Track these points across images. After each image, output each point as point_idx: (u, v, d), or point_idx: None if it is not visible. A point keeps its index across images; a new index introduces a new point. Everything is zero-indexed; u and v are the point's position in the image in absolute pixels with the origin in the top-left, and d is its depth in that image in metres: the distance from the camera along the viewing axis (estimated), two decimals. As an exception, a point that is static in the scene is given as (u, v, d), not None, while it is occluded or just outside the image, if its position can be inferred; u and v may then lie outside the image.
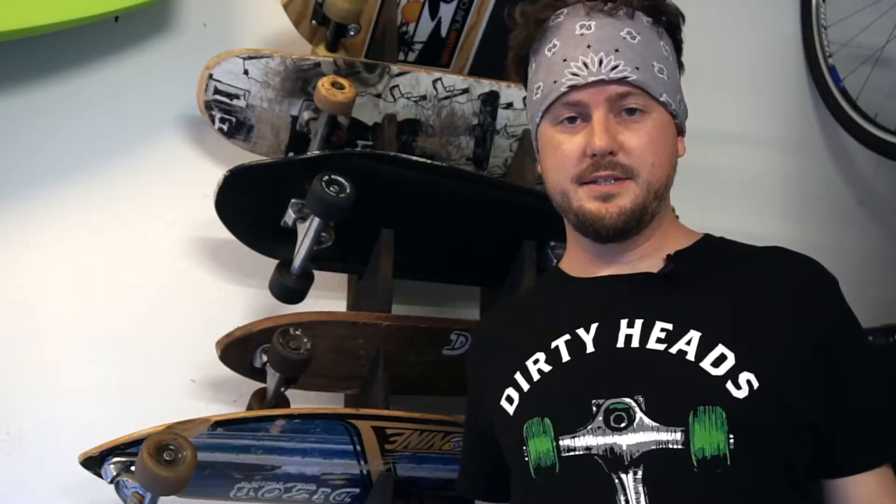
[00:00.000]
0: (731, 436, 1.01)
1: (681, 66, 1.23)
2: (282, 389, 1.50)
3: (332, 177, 1.42)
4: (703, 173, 2.05)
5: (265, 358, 1.48)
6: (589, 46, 1.13)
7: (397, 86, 1.66)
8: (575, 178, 1.14)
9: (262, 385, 1.52)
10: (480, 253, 1.70)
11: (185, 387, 1.63)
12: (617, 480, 1.04)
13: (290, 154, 1.67)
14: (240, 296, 1.69)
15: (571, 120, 1.15)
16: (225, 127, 1.62)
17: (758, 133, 2.12)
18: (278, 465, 1.47)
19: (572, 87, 1.13)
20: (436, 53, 1.82)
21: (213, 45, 1.63)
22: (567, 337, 1.13)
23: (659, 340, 1.07)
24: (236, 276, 1.70)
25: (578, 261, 1.22)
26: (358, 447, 1.49)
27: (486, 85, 1.71)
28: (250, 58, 1.58)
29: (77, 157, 1.66)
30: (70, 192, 1.64)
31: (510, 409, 1.14)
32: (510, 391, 1.15)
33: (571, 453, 1.07)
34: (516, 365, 1.15)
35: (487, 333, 1.31)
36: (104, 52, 1.69)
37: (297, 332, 1.45)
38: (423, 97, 1.68)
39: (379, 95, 1.66)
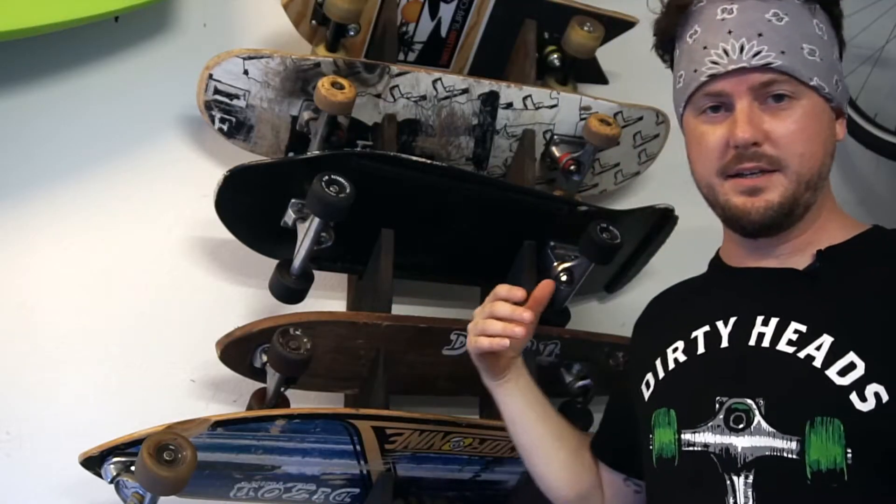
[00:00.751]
0: (849, 450, 0.97)
1: (841, 43, 1.15)
2: (282, 389, 1.50)
3: (332, 177, 1.41)
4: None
5: (265, 358, 1.48)
6: (730, 32, 1.09)
7: (397, 86, 1.66)
8: (720, 172, 1.11)
9: (262, 385, 1.52)
10: (480, 253, 1.70)
11: (185, 387, 1.63)
12: (729, 482, 1.03)
13: (290, 154, 1.67)
14: (240, 296, 1.69)
15: (714, 109, 1.12)
16: (225, 127, 1.62)
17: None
18: (278, 465, 1.47)
19: (712, 76, 1.10)
20: (436, 53, 1.82)
21: (213, 45, 1.63)
22: (706, 328, 1.11)
23: (790, 342, 1.03)
24: (236, 276, 1.70)
25: (731, 250, 1.20)
26: (358, 447, 1.49)
27: (485, 85, 1.71)
28: (250, 58, 1.58)
29: (77, 157, 1.65)
30: (70, 192, 1.64)
31: (646, 395, 1.16)
32: (649, 377, 1.16)
33: (690, 448, 1.06)
34: (658, 351, 1.16)
35: (651, 308, 1.30)
36: (104, 52, 1.69)
37: (297, 332, 1.45)
38: (423, 97, 1.68)
39: (379, 95, 1.66)
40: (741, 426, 1.03)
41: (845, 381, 0.99)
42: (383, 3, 1.71)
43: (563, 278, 1.64)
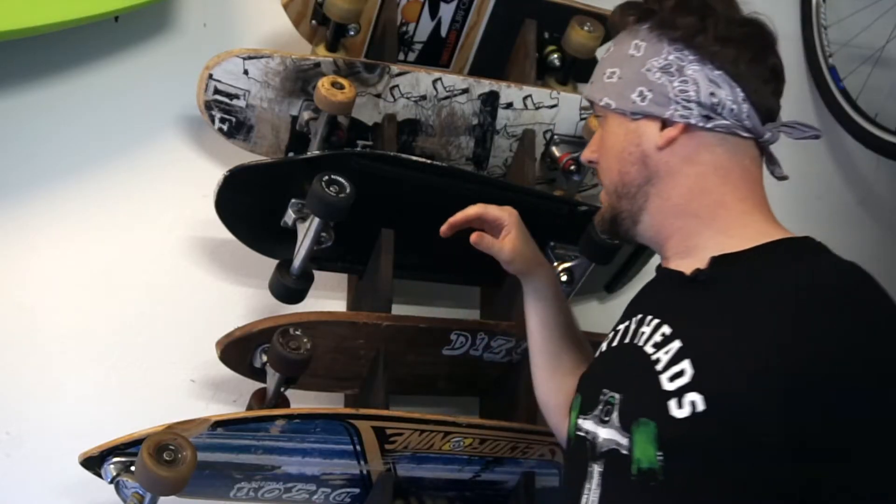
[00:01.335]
0: (660, 453, 1.02)
1: (686, 47, 1.14)
2: (282, 389, 1.50)
3: (332, 177, 1.41)
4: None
5: (265, 358, 1.48)
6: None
7: (397, 86, 1.66)
8: None
9: (262, 385, 1.52)
10: (481, 253, 1.69)
11: (185, 387, 1.63)
12: (590, 469, 1.10)
13: (290, 154, 1.67)
14: (240, 296, 1.69)
15: None
16: (225, 127, 1.62)
17: (758, 133, 2.12)
18: (278, 465, 1.47)
19: None
20: (436, 53, 1.82)
21: (213, 45, 1.63)
22: (626, 323, 1.17)
23: (654, 344, 1.08)
24: (236, 276, 1.70)
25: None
26: (358, 447, 1.49)
27: (486, 85, 1.72)
28: (250, 58, 1.58)
29: (77, 157, 1.65)
30: (70, 192, 1.64)
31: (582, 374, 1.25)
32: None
33: (579, 433, 1.14)
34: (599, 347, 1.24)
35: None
36: (104, 52, 1.69)
37: (297, 332, 1.45)
38: (423, 97, 1.68)
39: (379, 95, 1.66)
40: (607, 419, 1.10)
41: (671, 386, 1.03)
42: (383, 3, 1.71)
43: (564, 278, 1.64)
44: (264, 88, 1.60)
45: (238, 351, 1.50)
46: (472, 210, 1.37)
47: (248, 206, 1.53)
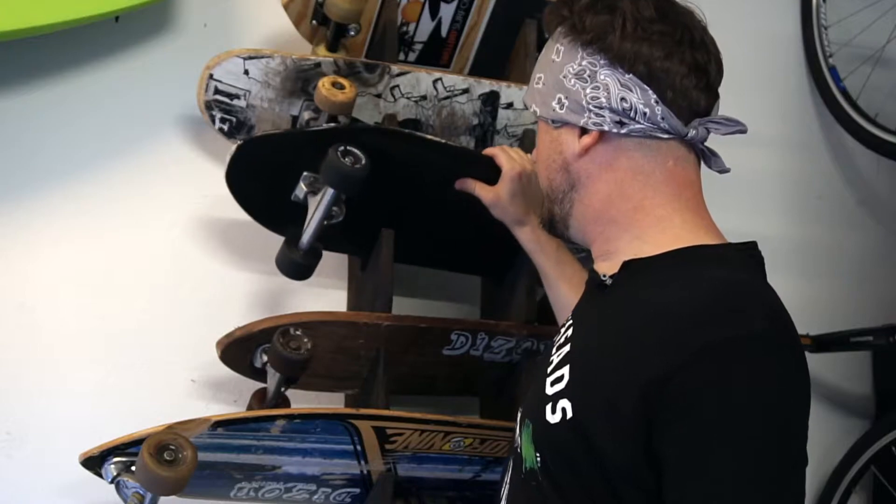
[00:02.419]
0: (538, 454, 1.05)
1: (601, 50, 1.11)
2: (282, 389, 1.50)
3: (348, 147, 1.38)
4: (703, 174, 2.05)
5: (265, 358, 1.48)
6: None
7: (397, 86, 1.66)
8: None
9: (263, 385, 1.52)
10: (488, 238, 1.62)
11: (185, 387, 1.63)
12: (508, 462, 1.17)
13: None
14: (240, 296, 1.69)
15: None
16: (225, 127, 1.62)
17: (758, 133, 2.09)
18: (278, 465, 1.47)
19: None
20: (436, 53, 1.82)
21: (214, 45, 1.63)
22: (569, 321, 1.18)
23: (558, 346, 1.11)
24: (236, 276, 1.70)
25: None
26: (358, 447, 1.49)
27: (486, 85, 1.72)
28: (251, 58, 1.58)
29: (77, 157, 1.66)
30: (70, 192, 1.64)
31: None
32: None
33: (517, 428, 1.17)
34: None
35: None
36: (104, 52, 1.69)
37: (298, 332, 1.45)
38: (424, 97, 1.68)
39: (379, 95, 1.66)
40: (519, 414, 1.15)
41: (550, 391, 1.05)
42: (384, 3, 1.71)
43: None
44: (265, 88, 1.60)
45: (238, 351, 1.50)
46: (490, 150, 1.46)
47: (260, 180, 1.49)
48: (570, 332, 1.12)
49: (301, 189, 1.45)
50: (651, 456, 0.95)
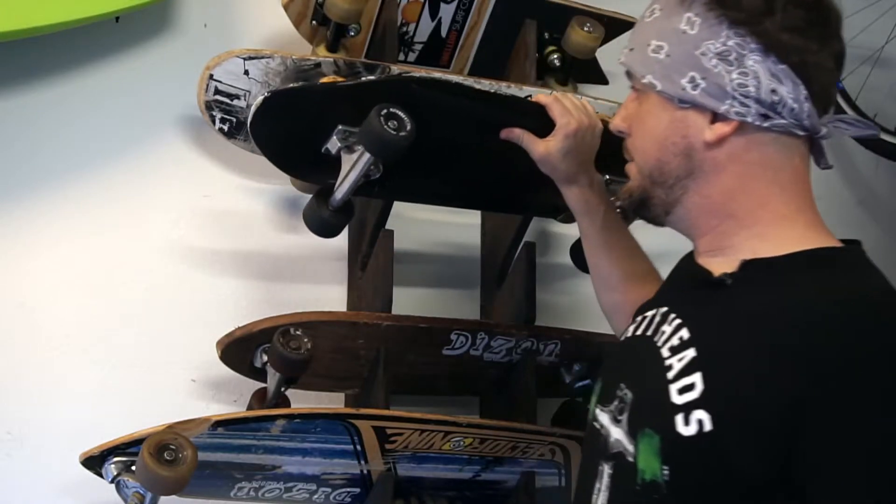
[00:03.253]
0: (665, 468, 0.96)
1: (751, 34, 1.02)
2: (282, 389, 1.50)
3: (392, 110, 1.26)
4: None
5: (265, 358, 1.48)
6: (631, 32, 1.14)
7: (397, 86, 1.66)
8: None
9: (263, 385, 1.52)
10: (524, 188, 1.54)
11: (186, 387, 1.63)
12: (601, 468, 1.05)
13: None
14: (240, 296, 1.69)
15: None
16: (225, 127, 1.62)
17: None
18: (279, 464, 1.47)
19: None
20: (436, 54, 1.82)
21: (214, 46, 1.63)
22: (650, 313, 1.10)
23: (671, 347, 1.02)
24: (237, 276, 1.70)
25: None
26: (358, 447, 1.49)
27: (486, 85, 1.71)
28: (251, 58, 1.58)
29: (77, 157, 1.66)
30: (70, 192, 1.64)
31: (606, 355, 1.20)
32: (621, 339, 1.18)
33: (595, 424, 1.08)
34: (635, 318, 1.16)
35: (674, 267, 1.26)
36: (104, 52, 1.69)
37: (298, 332, 1.45)
38: (424, 97, 1.68)
39: (379, 95, 1.66)
40: (619, 418, 1.04)
41: (680, 400, 0.96)
42: (384, 3, 1.71)
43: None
44: (265, 89, 1.60)
45: (239, 351, 1.50)
46: (543, 98, 1.35)
47: (286, 129, 1.36)
48: (684, 332, 1.01)
49: (334, 143, 1.33)
50: (793, 472, 0.91)
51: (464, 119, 1.39)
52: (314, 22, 1.66)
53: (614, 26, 1.82)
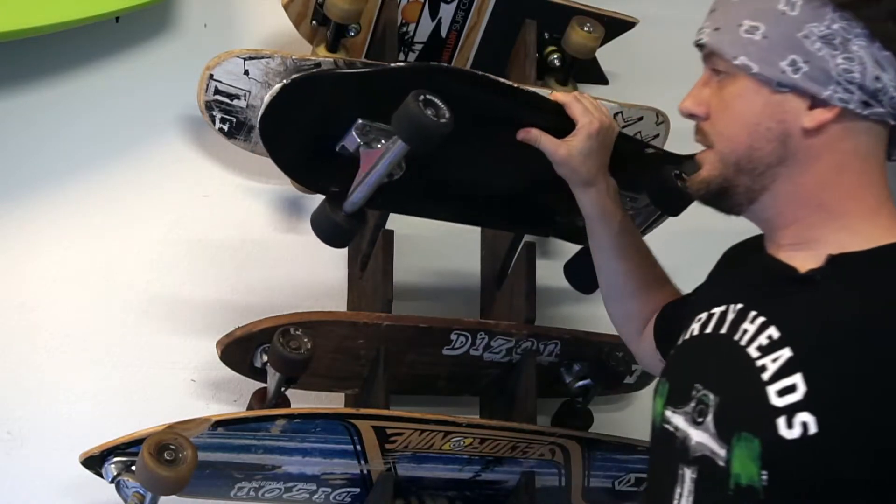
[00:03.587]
0: (765, 473, 0.93)
1: (849, 14, 0.99)
2: (282, 389, 1.50)
3: (430, 97, 1.18)
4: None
5: (265, 358, 1.48)
6: (712, 11, 1.09)
7: (397, 86, 1.66)
8: None
9: (263, 385, 1.52)
10: (532, 195, 1.48)
11: (186, 386, 1.63)
12: (680, 472, 1.02)
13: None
14: (240, 296, 1.69)
15: None
16: (225, 127, 1.62)
17: (757, 133, 2.12)
18: (279, 464, 1.47)
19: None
20: (436, 54, 1.82)
21: (214, 46, 1.63)
22: (722, 308, 1.07)
23: (759, 347, 0.98)
24: (236, 276, 1.70)
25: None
26: (358, 447, 1.49)
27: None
28: (251, 58, 1.58)
29: (77, 158, 1.66)
30: (70, 192, 1.64)
31: (670, 355, 1.15)
32: (682, 337, 1.13)
33: (667, 426, 1.05)
34: (692, 316, 1.12)
35: (733, 252, 1.23)
36: (105, 52, 1.69)
37: (298, 332, 1.45)
38: (424, 97, 1.68)
39: (379, 95, 1.66)
40: (700, 420, 1.01)
41: (781, 402, 0.94)
42: (384, 3, 1.71)
43: None
44: (265, 89, 1.60)
45: (239, 351, 1.50)
46: (562, 97, 1.30)
47: (299, 124, 1.27)
48: (773, 331, 0.98)
49: (352, 140, 1.24)
50: None
51: (484, 116, 1.32)
52: (314, 22, 1.66)
53: (614, 26, 1.82)
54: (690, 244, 1.67)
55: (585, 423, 1.74)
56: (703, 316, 1.09)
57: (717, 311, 1.07)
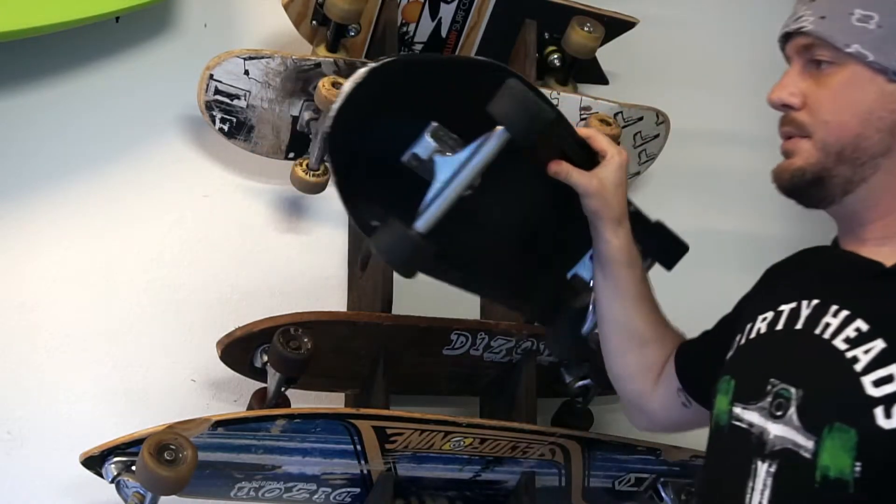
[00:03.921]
0: (858, 464, 0.92)
1: None
2: (282, 389, 1.50)
3: (529, 83, 1.08)
4: (703, 173, 2.05)
5: (265, 358, 1.48)
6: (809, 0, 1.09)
7: (397, 86, 1.66)
8: (780, 136, 1.11)
9: (263, 385, 1.52)
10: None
11: (186, 386, 1.63)
12: (754, 466, 1.01)
13: (290, 155, 1.65)
14: (240, 296, 1.69)
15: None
16: (225, 127, 1.62)
17: (757, 133, 2.10)
18: (279, 464, 1.47)
19: (780, 42, 1.10)
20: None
21: (214, 46, 1.63)
22: (793, 305, 1.07)
23: (846, 339, 0.98)
24: (237, 275, 1.70)
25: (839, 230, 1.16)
26: (358, 447, 1.49)
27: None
28: (251, 58, 1.58)
29: (77, 158, 1.66)
30: (70, 192, 1.64)
31: (729, 355, 1.14)
32: (739, 338, 1.13)
33: (737, 423, 1.05)
34: (753, 315, 1.12)
35: (772, 270, 1.25)
36: (105, 52, 1.69)
37: (298, 332, 1.45)
38: (424, 97, 1.68)
39: (379, 96, 1.66)
40: (779, 414, 1.00)
41: (877, 392, 0.93)
42: (384, 3, 1.71)
43: None
44: (265, 89, 1.60)
45: (239, 351, 1.50)
46: (584, 131, 1.25)
47: (374, 129, 1.11)
48: (860, 324, 0.98)
49: (426, 146, 1.06)
50: None
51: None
52: (314, 22, 1.67)
53: (614, 26, 1.82)
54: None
55: (585, 423, 1.74)
56: (769, 315, 1.09)
57: (785, 308, 1.07)
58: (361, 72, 1.06)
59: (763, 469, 1.00)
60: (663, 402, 1.32)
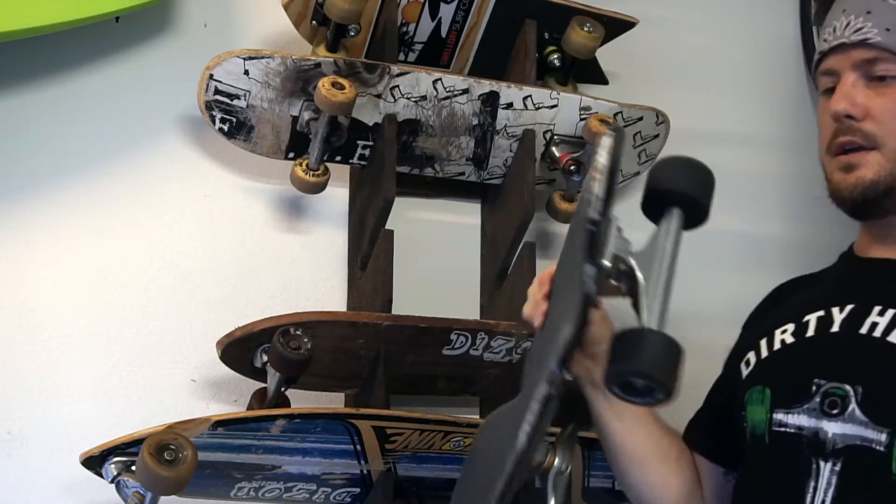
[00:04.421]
0: None
1: None
2: (282, 389, 1.50)
3: None
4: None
5: (265, 358, 1.48)
6: (844, 10, 1.10)
7: (397, 86, 1.66)
8: (828, 149, 1.11)
9: (263, 385, 1.52)
10: None
11: (186, 386, 1.63)
12: (815, 465, 1.02)
13: (293, 155, 1.65)
14: (240, 296, 1.69)
15: (830, 90, 1.11)
16: (225, 127, 1.62)
17: (757, 133, 2.12)
18: (279, 464, 1.48)
19: (822, 54, 1.11)
20: (436, 54, 1.82)
21: (214, 46, 1.63)
22: (821, 313, 1.09)
23: None
24: (237, 276, 1.70)
25: (860, 239, 1.18)
26: (358, 447, 1.49)
27: (486, 85, 1.72)
28: (251, 58, 1.58)
29: (77, 158, 1.66)
30: (70, 192, 1.64)
31: (744, 373, 1.14)
32: (751, 355, 1.13)
33: (782, 429, 1.05)
34: (765, 332, 1.13)
35: (768, 297, 1.26)
36: (104, 52, 1.69)
37: (298, 332, 1.45)
38: (424, 97, 1.68)
39: (379, 96, 1.66)
40: (835, 411, 1.01)
41: None
42: (384, 3, 1.71)
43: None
44: (265, 89, 1.60)
45: (238, 351, 1.50)
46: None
47: None
48: None
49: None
50: None
51: None
52: (314, 22, 1.67)
53: (614, 26, 1.82)
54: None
55: (586, 423, 1.74)
56: (790, 327, 1.10)
57: (811, 317, 1.08)
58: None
59: (826, 468, 1.01)
60: (719, 498, 1.24)
